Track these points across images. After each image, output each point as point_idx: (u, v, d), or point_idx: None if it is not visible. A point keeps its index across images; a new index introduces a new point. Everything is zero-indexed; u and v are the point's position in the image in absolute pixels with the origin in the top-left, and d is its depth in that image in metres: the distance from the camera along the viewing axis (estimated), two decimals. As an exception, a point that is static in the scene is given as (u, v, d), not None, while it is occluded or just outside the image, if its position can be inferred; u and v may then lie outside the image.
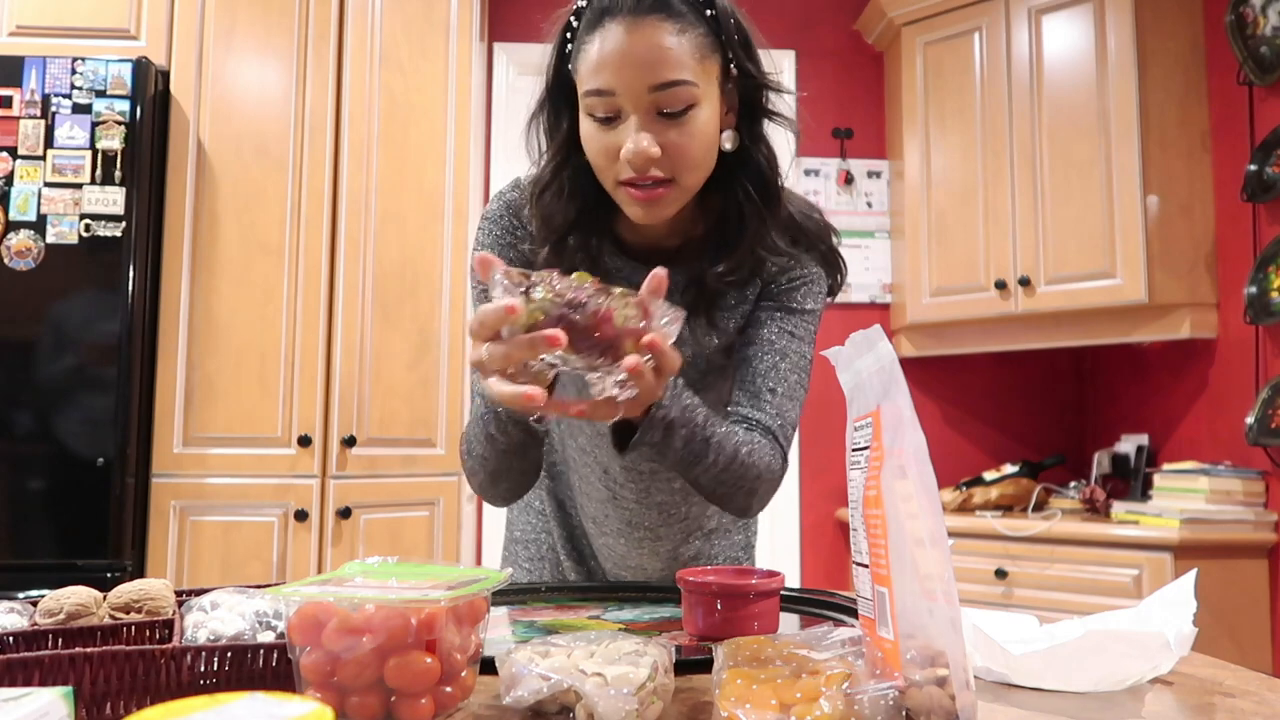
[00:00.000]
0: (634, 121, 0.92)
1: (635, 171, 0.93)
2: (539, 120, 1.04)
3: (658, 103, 0.92)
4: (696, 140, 0.94)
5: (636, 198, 0.95)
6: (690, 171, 0.95)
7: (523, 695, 0.57)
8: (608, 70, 0.91)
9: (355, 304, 2.55)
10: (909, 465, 0.56)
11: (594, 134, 0.95)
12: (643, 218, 0.97)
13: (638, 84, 0.91)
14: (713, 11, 0.95)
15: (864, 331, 0.66)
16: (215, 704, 0.36)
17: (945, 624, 0.53)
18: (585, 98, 0.94)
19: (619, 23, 0.91)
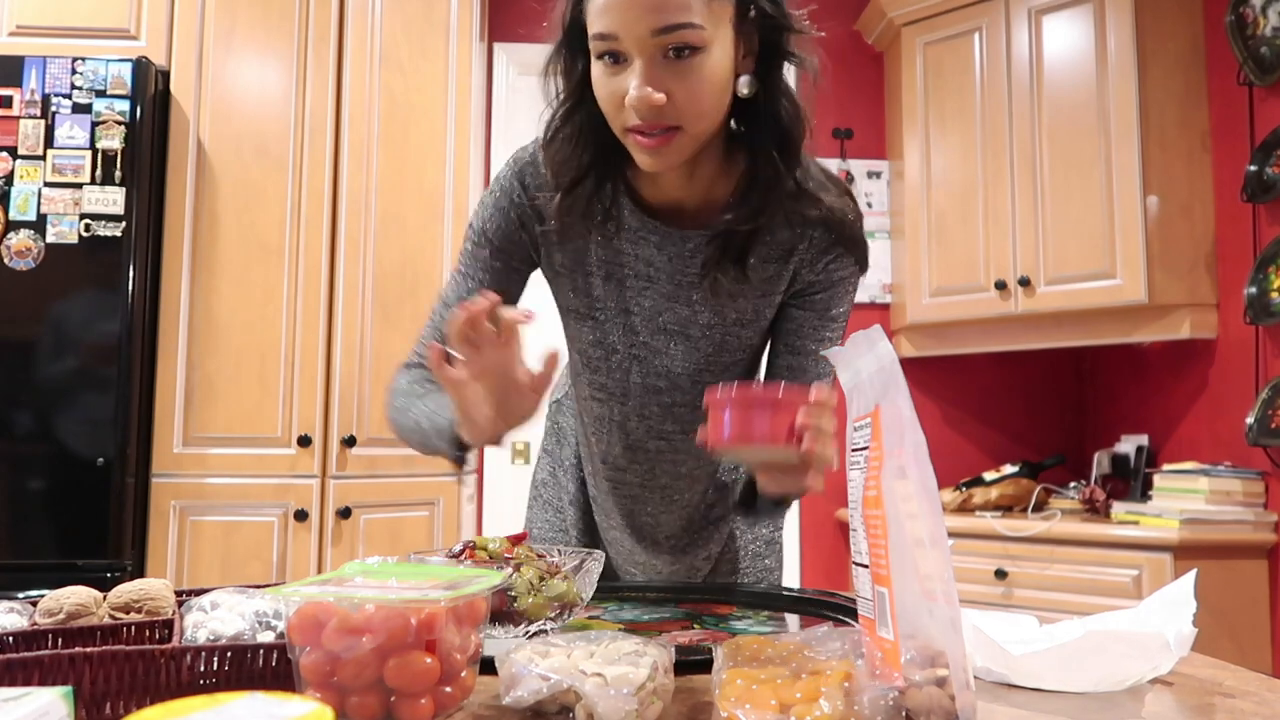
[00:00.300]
0: (638, 66, 0.88)
1: (641, 119, 0.90)
2: (555, 64, 1.00)
3: (663, 45, 0.88)
4: (704, 86, 0.90)
5: (643, 145, 0.92)
6: (698, 119, 0.92)
7: (523, 695, 0.57)
8: (612, 12, 0.88)
9: (355, 304, 2.55)
10: (909, 465, 0.56)
11: (602, 79, 0.92)
12: (651, 165, 0.94)
13: (640, 27, 0.87)
14: None
15: (864, 331, 0.66)
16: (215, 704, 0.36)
17: (945, 624, 0.53)
18: (592, 40, 0.91)
19: None
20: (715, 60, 0.90)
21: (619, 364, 1.10)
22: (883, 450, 0.60)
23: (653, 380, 1.10)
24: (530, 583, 0.77)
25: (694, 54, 0.88)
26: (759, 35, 0.95)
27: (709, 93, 0.91)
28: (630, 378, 1.10)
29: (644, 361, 1.09)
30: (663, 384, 1.10)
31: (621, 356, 1.09)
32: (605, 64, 0.91)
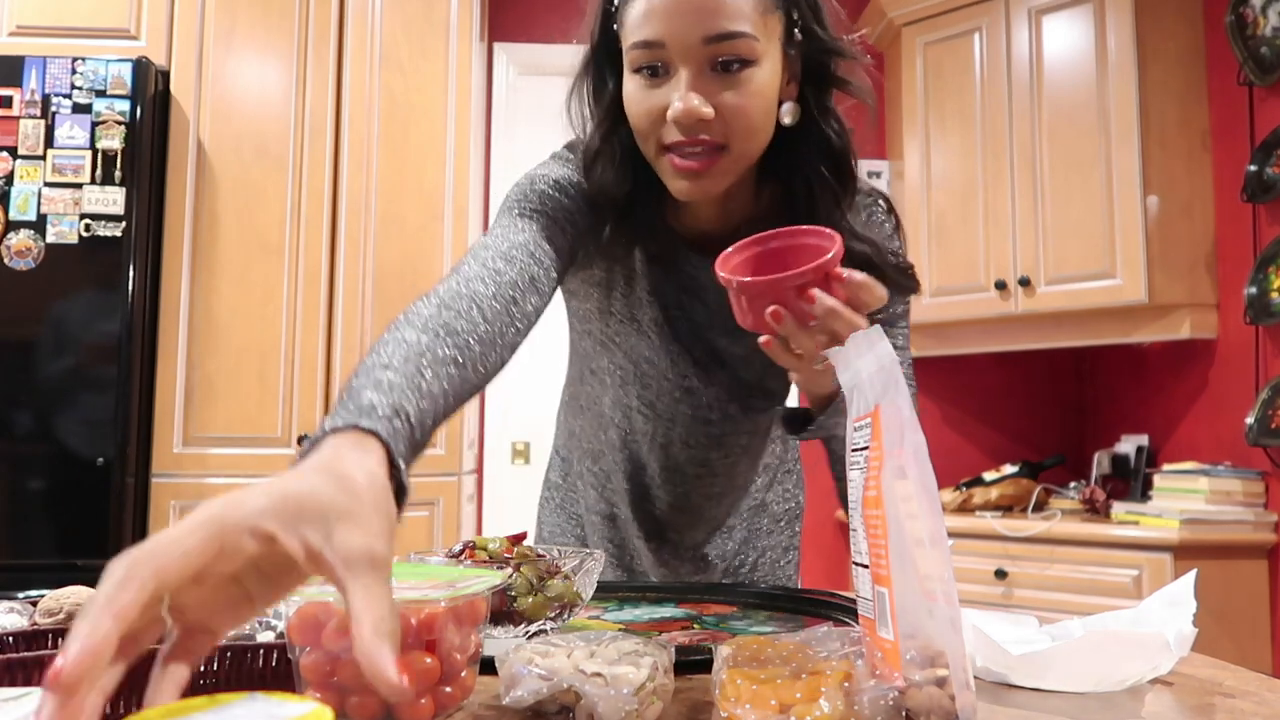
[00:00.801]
0: (684, 77, 0.81)
1: (683, 134, 0.82)
2: (583, 84, 0.94)
3: (712, 56, 0.81)
4: (754, 101, 0.83)
5: (680, 168, 0.84)
6: (746, 138, 0.85)
7: (523, 695, 0.57)
8: (657, 18, 0.81)
9: (355, 304, 2.55)
10: (909, 465, 0.56)
11: (638, 93, 0.85)
12: (686, 192, 0.86)
13: (690, 34, 0.80)
14: None
15: (864, 331, 0.66)
16: (215, 704, 0.36)
17: (945, 624, 0.53)
18: (630, 50, 0.85)
19: None
20: (766, 77, 0.84)
21: (669, 390, 1.05)
22: (883, 450, 0.60)
23: (703, 412, 1.06)
24: (530, 583, 0.77)
25: (745, 67, 0.82)
26: (803, 59, 0.89)
27: (759, 110, 0.84)
28: (680, 407, 1.06)
29: (694, 394, 1.04)
30: (715, 415, 1.06)
31: (673, 385, 1.04)
32: (643, 77, 0.84)
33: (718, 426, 1.07)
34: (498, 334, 0.74)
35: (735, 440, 1.09)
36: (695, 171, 0.84)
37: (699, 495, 1.13)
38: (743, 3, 0.81)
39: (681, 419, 1.06)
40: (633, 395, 1.07)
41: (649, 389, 1.05)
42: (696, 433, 1.07)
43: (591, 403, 1.14)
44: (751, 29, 0.82)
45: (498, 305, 0.76)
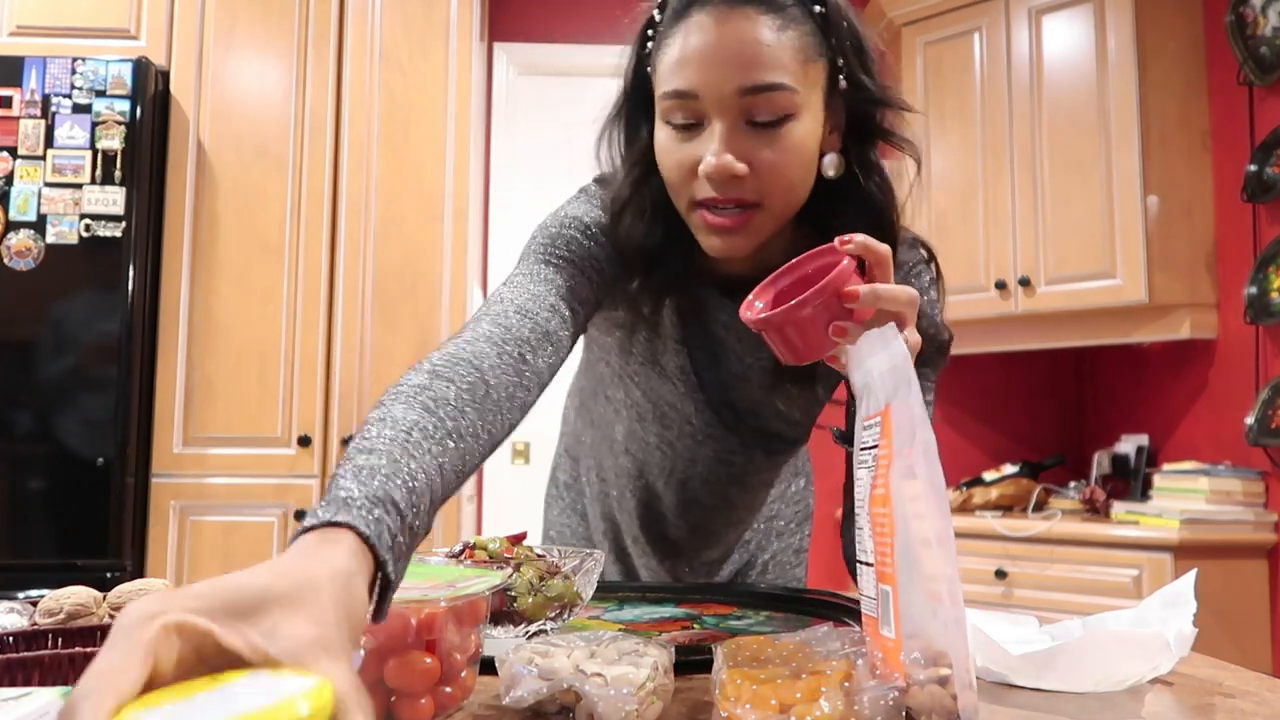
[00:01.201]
0: (718, 130, 0.77)
1: (715, 191, 0.78)
2: (613, 129, 0.90)
3: (748, 109, 0.77)
4: (792, 157, 0.79)
5: (713, 224, 0.80)
6: (781, 195, 0.80)
7: (523, 695, 0.57)
8: (691, 68, 0.77)
9: (355, 304, 2.55)
10: (918, 465, 0.56)
11: (670, 145, 0.81)
12: (718, 249, 0.82)
13: (725, 85, 0.76)
14: (822, 8, 0.80)
15: (877, 330, 0.65)
16: (216, 683, 0.36)
17: (949, 624, 0.53)
18: (663, 100, 0.80)
19: (708, 13, 0.77)
20: (805, 130, 0.80)
21: (692, 434, 1.01)
22: (892, 449, 0.60)
23: (726, 454, 1.03)
24: (530, 583, 0.77)
25: (783, 122, 0.78)
26: (847, 109, 0.85)
27: (796, 166, 0.80)
28: (701, 450, 1.02)
29: (719, 439, 1.01)
30: (738, 458, 1.03)
31: (696, 429, 1.01)
32: (675, 129, 0.80)
33: (740, 468, 1.04)
34: (504, 397, 0.69)
35: (757, 477, 1.07)
36: (728, 229, 0.80)
37: (716, 523, 1.10)
38: (782, 52, 0.77)
39: (703, 460, 1.03)
40: (651, 433, 1.04)
41: (670, 429, 1.02)
42: (718, 472, 1.04)
43: (603, 423, 1.11)
44: (791, 80, 0.77)
45: (503, 365, 0.71)
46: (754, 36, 0.76)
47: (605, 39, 3.37)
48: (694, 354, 0.96)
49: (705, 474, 1.04)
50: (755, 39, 0.76)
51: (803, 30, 0.78)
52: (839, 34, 0.80)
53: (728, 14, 0.76)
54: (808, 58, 0.79)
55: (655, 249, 0.87)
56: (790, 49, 0.77)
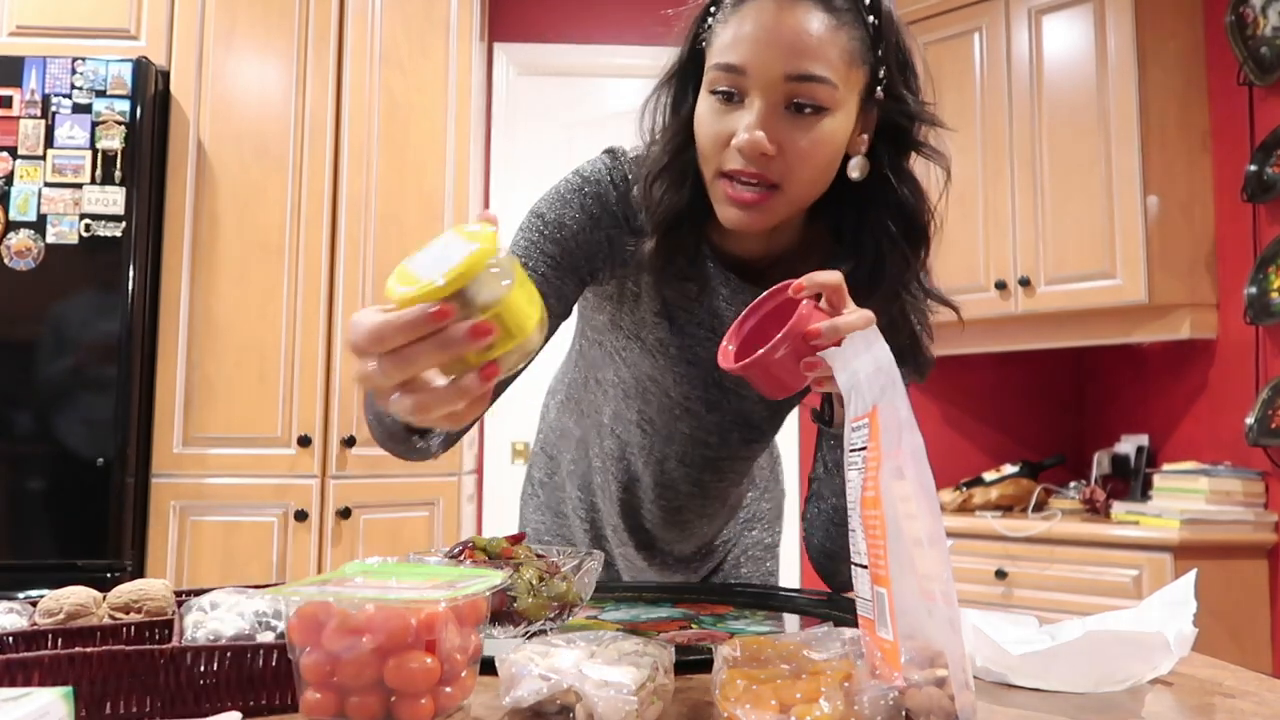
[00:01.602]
0: (757, 107, 0.81)
1: (742, 163, 0.83)
2: (662, 95, 0.93)
3: (790, 94, 0.81)
4: (819, 148, 0.83)
5: (733, 197, 0.84)
6: (801, 183, 0.85)
7: (523, 695, 0.57)
8: (745, 45, 0.81)
9: (355, 304, 2.55)
10: (907, 466, 0.56)
11: (710, 114, 0.85)
12: (734, 221, 0.86)
13: (774, 67, 0.81)
14: (876, 20, 0.85)
15: (861, 332, 0.66)
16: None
17: (944, 624, 0.53)
18: (711, 71, 0.85)
19: (770, 1, 0.82)
20: (837, 126, 0.84)
21: (669, 408, 1.04)
22: (880, 451, 0.60)
23: (702, 434, 1.06)
24: (530, 583, 0.77)
25: (818, 113, 0.82)
26: (881, 117, 0.89)
27: (821, 158, 0.85)
28: (679, 425, 1.05)
29: (697, 416, 1.05)
30: (714, 439, 1.06)
31: (674, 403, 1.04)
32: (718, 99, 0.84)
33: (714, 450, 1.08)
34: None
35: (730, 465, 1.11)
36: (746, 203, 0.84)
37: (690, 512, 1.14)
38: (831, 50, 0.81)
39: (679, 437, 1.07)
40: (633, 409, 1.07)
41: (650, 404, 1.05)
42: (693, 453, 1.08)
43: (593, 410, 1.14)
44: (833, 76, 0.82)
45: None
46: (808, 29, 0.81)
47: (605, 39, 3.37)
48: (674, 317, 0.99)
49: (681, 454, 1.08)
50: (809, 31, 0.81)
51: (854, 35, 0.83)
52: (887, 47, 0.85)
53: (791, 3, 0.81)
54: (852, 62, 0.83)
55: (680, 213, 0.90)
56: (839, 48, 0.82)
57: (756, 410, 1.04)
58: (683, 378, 1.02)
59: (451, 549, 0.84)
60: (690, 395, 1.03)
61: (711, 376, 1.01)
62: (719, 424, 1.05)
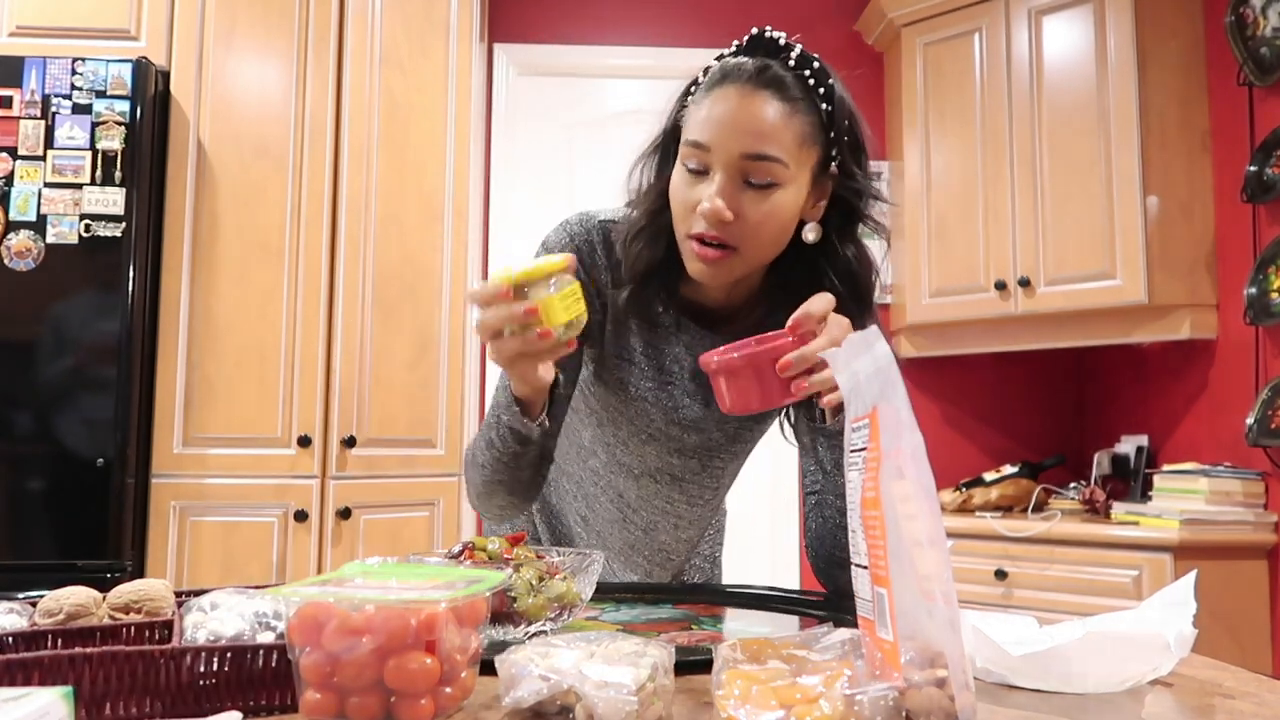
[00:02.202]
0: (719, 180, 0.95)
1: (705, 227, 0.95)
2: (648, 162, 1.07)
3: (746, 170, 0.94)
4: (771, 217, 0.96)
5: (698, 254, 0.97)
6: (754, 246, 0.98)
7: (523, 696, 0.57)
8: (710, 126, 0.95)
9: (355, 304, 2.55)
10: (906, 466, 0.56)
11: (682, 184, 0.99)
12: (700, 274, 0.99)
13: (732, 147, 0.94)
14: (829, 106, 0.97)
15: (861, 333, 0.66)
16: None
17: (944, 625, 0.53)
18: (684, 146, 0.98)
19: (735, 88, 0.95)
20: (788, 199, 0.97)
21: (635, 435, 1.15)
22: (880, 451, 0.60)
23: (667, 458, 1.17)
24: (530, 583, 0.77)
25: (771, 187, 0.95)
26: (834, 190, 1.01)
27: (774, 225, 0.97)
28: (646, 449, 1.16)
29: (659, 444, 1.15)
30: (676, 462, 1.17)
31: (639, 430, 1.14)
32: (689, 170, 0.98)
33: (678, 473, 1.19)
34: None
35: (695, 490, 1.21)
36: (709, 260, 0.97)
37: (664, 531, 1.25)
38: (785, 133, 0.95)
39: (650, 458, 1.17)
40: (608, 434, 1.18)
41: (620, 431, 1.16)
42: (661, 478, 1.19)
43: (573, 431, 1.24)
44: (785, 156, 0.95)
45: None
46: (765, 116, 0.94)
47: (605, 39, 3.37)
48: (640, 363, 1.12)
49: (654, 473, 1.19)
50: (765, 118, 0.94)
51: (807, 120, 0.96)
52: (838, 129, 0.98)
53: (751, 92, 0.95)
54: (804, 143, 0.96)
55: (654, 266, 1.05)
56: (792, 132, 0.95)
57: (715, 438, 1.15)
58: (641, 414, 1.13)
59: (452, 550, 0.84)
60: (652, 427, 1.14)
61: (673, 415, 1.12)
62: (680, 450, 1.16)
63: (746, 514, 2.10)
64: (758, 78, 0.95)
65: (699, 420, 1.12)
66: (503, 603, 0.76)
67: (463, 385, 2.69)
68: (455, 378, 2.66)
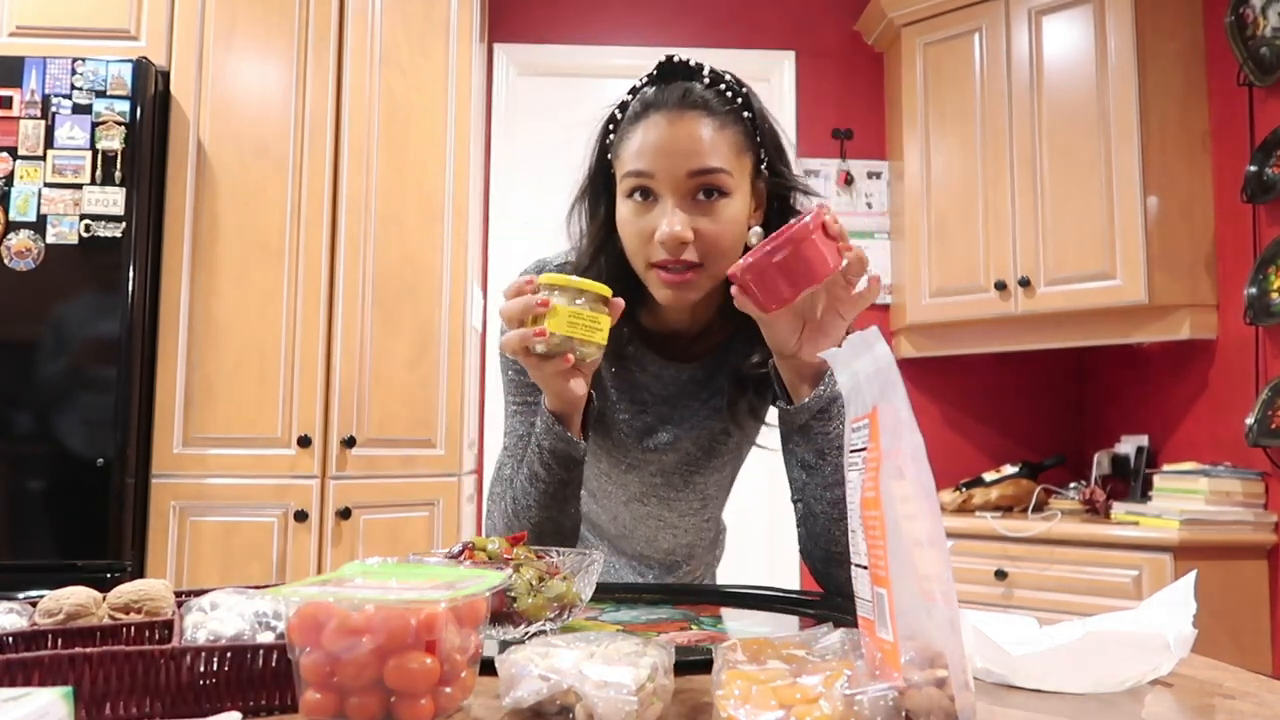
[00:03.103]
0: (669, 205, 0.97)
1: (668, 254, 0.97)
2: (580, 207, 1.09)
3: (694, 187, 0.97)
4: (727, 228, 0.98)
5: (666, 280, 0.99)
6: (717, 258, 0.99)
7: (522, 696, 0.57)
8: (649, 153, 0.97)
9: (355, 304, 2.55)
10: (906, 466, 0.56)
11: (630, 216, 1.00)
12: (670, 300, 1.01)
13: (677, 169, 0.96)
14: (750, 114, 1.01)
15: (861, 333, 0.66)
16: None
17: (944, 625, 0.53)
18: (625, 179, 1.00)
19: (662, 115, 0.97)
20: (737, 206, 0.99)
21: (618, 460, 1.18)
22: (880, 451, 0.60)
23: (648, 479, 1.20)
24: (530, 583, 0.77)
25: (721, 197, 0.98)
26: (768, 191, 1.05)
27: (730, 234, 0.99)
28: (628, 476, 1.19)
29: (642, 471, 1.18)
30: (659, 480, 1.20)
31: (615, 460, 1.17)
32: (635, 201, 0.99)
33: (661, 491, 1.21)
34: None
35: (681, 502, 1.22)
36: (679, 284, 0.99)
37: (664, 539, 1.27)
38: (722, 145, 0.98)
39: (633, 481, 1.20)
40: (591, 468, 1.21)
41: (601, 463, 1.19)
42: (649, 495, 1.22)
43: None
44: (728, 165, 0.98)
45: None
46: (698, 133, 0.97)
47: (605, 39, 3.37)
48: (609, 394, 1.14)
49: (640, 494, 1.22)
50: (699, 135, 0.97)
51: (736, 130, 1.00)
52: (763, 134, 1.03)
53: (679, 115, 0.97)
54: (740, 151, 1.00)
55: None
56: (727, 143, 0.99)
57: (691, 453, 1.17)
58: (618, 445, 1.15)
59: (452, 549, 0.84)
60: (630, 456, 1.16)
61: (647, 441, 1.14)
62: (661, 472, 1.18)
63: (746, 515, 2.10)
64: (683, 101, 0.97)
65: (674, 442, 1.15)
66: (503, 603, 0.76)
67: (463, 385, 2.69)
68: (455, 378, 2.66)
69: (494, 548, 0.84)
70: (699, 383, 1.12)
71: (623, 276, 1.04)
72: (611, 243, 1.05)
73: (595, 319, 0.91)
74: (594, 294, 0.91)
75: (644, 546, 1.28)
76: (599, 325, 0.91)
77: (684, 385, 1.12)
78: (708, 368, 1.12)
